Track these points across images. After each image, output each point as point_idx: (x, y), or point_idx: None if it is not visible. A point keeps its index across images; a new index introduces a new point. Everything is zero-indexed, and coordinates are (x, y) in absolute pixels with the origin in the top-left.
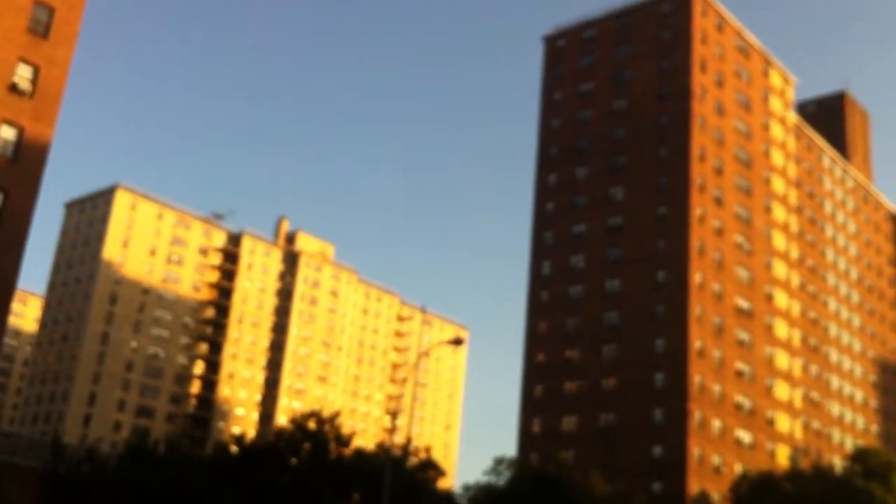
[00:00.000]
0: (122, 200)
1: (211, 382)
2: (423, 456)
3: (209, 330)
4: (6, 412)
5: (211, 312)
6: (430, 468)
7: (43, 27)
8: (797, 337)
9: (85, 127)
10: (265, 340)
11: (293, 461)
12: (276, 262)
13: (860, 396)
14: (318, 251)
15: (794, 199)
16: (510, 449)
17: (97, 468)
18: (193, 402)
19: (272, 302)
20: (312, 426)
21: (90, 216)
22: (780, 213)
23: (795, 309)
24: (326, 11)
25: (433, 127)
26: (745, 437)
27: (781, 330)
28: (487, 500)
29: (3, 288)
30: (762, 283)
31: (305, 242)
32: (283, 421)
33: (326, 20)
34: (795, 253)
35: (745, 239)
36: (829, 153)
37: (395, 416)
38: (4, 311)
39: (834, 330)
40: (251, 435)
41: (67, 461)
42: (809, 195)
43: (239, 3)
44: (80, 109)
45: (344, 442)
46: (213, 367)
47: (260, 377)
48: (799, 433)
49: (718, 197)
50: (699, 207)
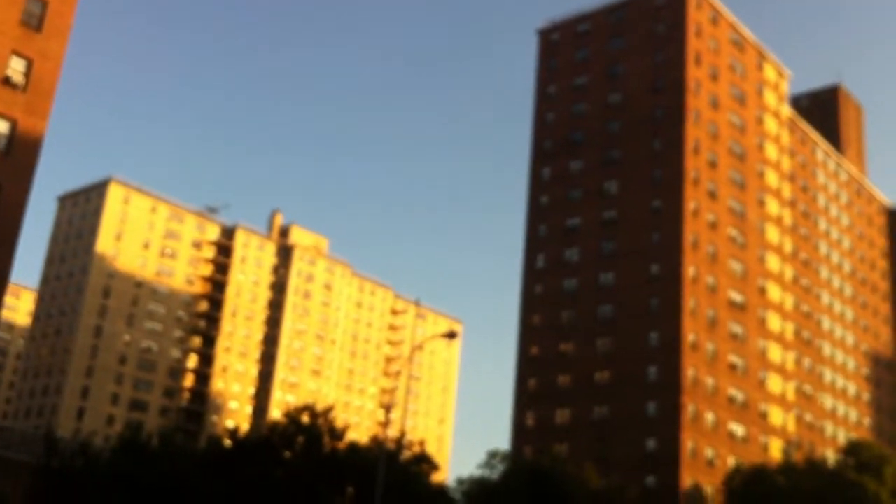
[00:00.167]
0: (115, 194)
1: (204, 376)
2: (416, 450)
3: (202, 323)
4: None
5: (204, 306)
6: (423, 462)
7: (36, 20)
8: (790, 330)
9: (78, 120)
10: (259, 334)
11: (287, 455)
12: (269, 255)
13: (853, 389)
14: (311, 245)
15: (787, 192)
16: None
17: (91, 462)
18: (187, 395)
19: (266, 295)
20: (306, 420)
21: (83, 209)
22: (773, 206)
23: (788, 302)
24: (319, 5)
25: (427, 120)
26: (738, 430)
27: (774, 323)
28: (481, 493)
29: None
30: (755, 276)
31: (299, 236)
32: (276, 415)
33: (319, 14)
34: (789, 246)
35: (738, 232)
36: (822, 146)
37: (388, 409)
38: None
39: (827, 323)
40: (245, 429)
41: (61, 455)
42: (803, 189)
43: None
44: (73, 102)
45: (338, 435)
46: (206, 360)
47: (253, 371)
48: (792, 426)
49: (712, 190)
50: (693, 201)
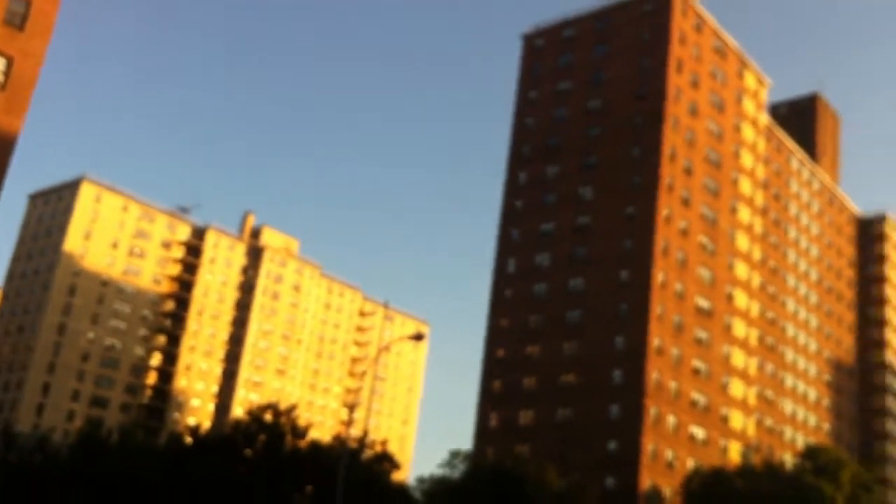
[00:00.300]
0: (87, 192)
1: (168, 374)
2: (378, 449)
3: (168, 322)
4: None
5: (171, 305)
6: (385, 461)
7: (19, 19)
8: (754, 336)
9: (53, 118)
10: (224, 333)
11: (248, 452)
12: (239, 256)
13: (813, 395)
14: (282, 246)
15: (760, 200)
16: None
17: (49, 457)
18: (149, 392)
19: (234, 296)
20: (269, 418)
21: (54, 208)
22: (745, 214)
23: (754, 309)
24: (295, 5)
25: (403, 123)
26: (698, 433)
27: (739, 329)
28: (442, 493)
29: None
30: (723, 283)
31: (271, 237)
32: (239, 413)
33: (295, 13)
34: (758, 254)
35: (709, 240)
36: (797, 155)
37: (352, 409)
38: None
39: (791, 330)
40: (207, 426)
41: (19, 450)
42: (775, 197)
43: None
44: (48, 100)
45: (300, 434)
46: (170, 358)
47: (218, 369)
48: (752, 430)
49: (686, 197)
50: (666, 208)
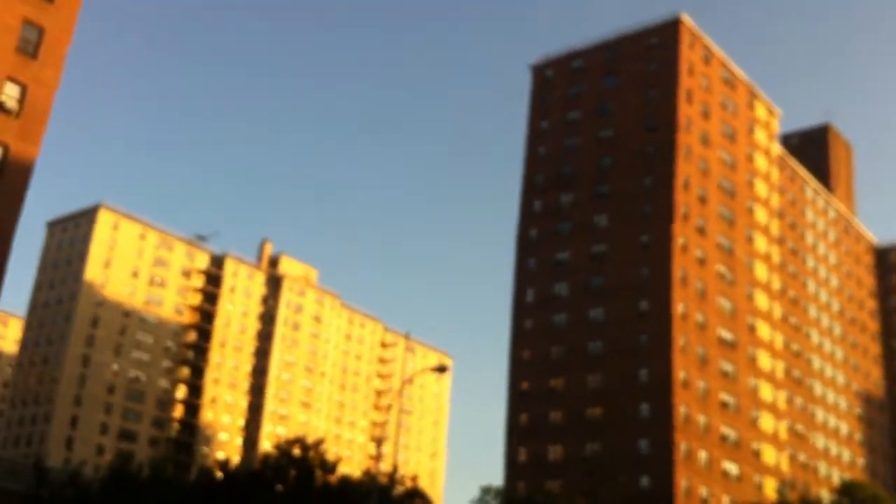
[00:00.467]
0: (104, 220)
1: (193, 407)
2: (409, 484)
3: (191, 354)
4: None
5: (193, 336)
6: (416, 496)
7: (32, 47)
8: (780, 369)
9: (69, 145)
10: (247, 365)
11: (279, 488)
12: (258, 285)
13: (845, 429)
14: (301, 275)
15: (776, 229)
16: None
17: (80, 492)
18: (176, 426)
19: (255, 326)
20: (298, 452)
21: (72, 235)
22: (761, 243)
23: (778, 341)
24: (311, 35)
25: (419, 152)
26: (731, 468)
27: (765, 362)
28: None
29: None
30: (744, 313)
31: (289, 266)
32: (267, 446)
33: (311, 44)
34: (777, 284)
35: (727, 269)
36: (811, 184)
37: (380, 443)
38: None
39: (817, 362)
40: (235, 460)
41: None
42: (791, 226)
43: (227, 24)
44: (65, 128)
45: (329, 468)
46: (195, 391)
47: (243, 402)
48: (785, 465)
49: (701, 226)
50: (682, 237)
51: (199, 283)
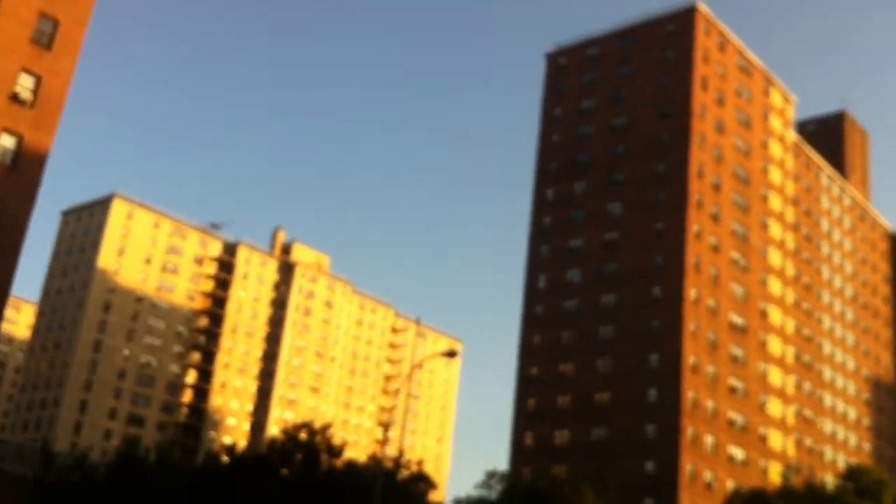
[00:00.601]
0: (118, 209)
1: (203, 392)
2: (414, 468)
3: (202, 339)
4: None
5: (205, 321)
6: (421, 480)
7: (47, 38)
8: (791, 354)
9: (83, 135)
10: (258, 350)
11: (285, 472)
12: (271, 272)
13: (853, 414)
14: (313, 262)
15: (790, 216)
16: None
17: (87, 476)
18: (185, 411)
19: (266, 312)
20: (304, 437)
21: (86, 224)
22: (776, 230)
23: (790, 326)
24: (328, 21)
25: (432, 139)
26: (737, 453)
27: (775, 346)
28: None
29: None
30: (757, 299)
31: (301, 253)
32: (274, 431)
33: (328, 30)
34: (791, 270)
35: (740, 255)
36: (826, 171)
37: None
38: None
39: (828, 347)
40: (242, 445)
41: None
42: (806, 213)
43: (240, 13)
44: (79, 117)
45: (336, 453)
46: (205, 376)
47: (252, 387)
48: (791, 450)
49: (715, 213)
50: (696, 223)
51: (211, 270)
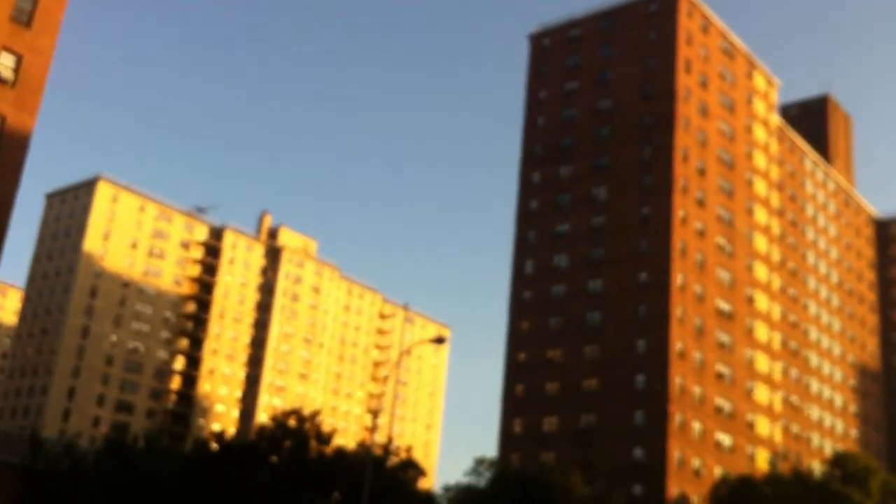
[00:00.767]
0: (103, 192)
1: (191, 378)
2: (403, 455)
3: (190, 325)
4: None
5: (192, 307)
6: (410, 468)
7: (26, 16)
8: (777, 340)
9: (67, 116)
10: (246, 336)
11: (273, 459)
12: (257, 257)
13: (840, 401)
14: (300, 247)
15: (775, 201)
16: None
17: (76, 464)
18: (173, 397)
19: (254, 297)
20: (293, 424)
21: (71, 207)
22: (761, 215)
23: (776, 312)
24: (312, 2)
25: (418, 124)
26: (725, 440)
27: (762, 333)
28: (467, 501)
29: None
30: (743, 285)
31: (288, 238)
32: (263, 418)
33: (311, 14)
34: (776, 256)
35: (726, 241)
36: (811, 156)
37: (375, 414)
38: None
39: (814, 334)
40: (231, 432)
41: (46, 456)
42: (791, 198)
43: None
44: (62, 99)
45: (325, 440)
46: (193, 362)
47: (241, 373)
48: (778, 437)
49: (701, 198)
50: (681, 208)
51: (198, 254)
